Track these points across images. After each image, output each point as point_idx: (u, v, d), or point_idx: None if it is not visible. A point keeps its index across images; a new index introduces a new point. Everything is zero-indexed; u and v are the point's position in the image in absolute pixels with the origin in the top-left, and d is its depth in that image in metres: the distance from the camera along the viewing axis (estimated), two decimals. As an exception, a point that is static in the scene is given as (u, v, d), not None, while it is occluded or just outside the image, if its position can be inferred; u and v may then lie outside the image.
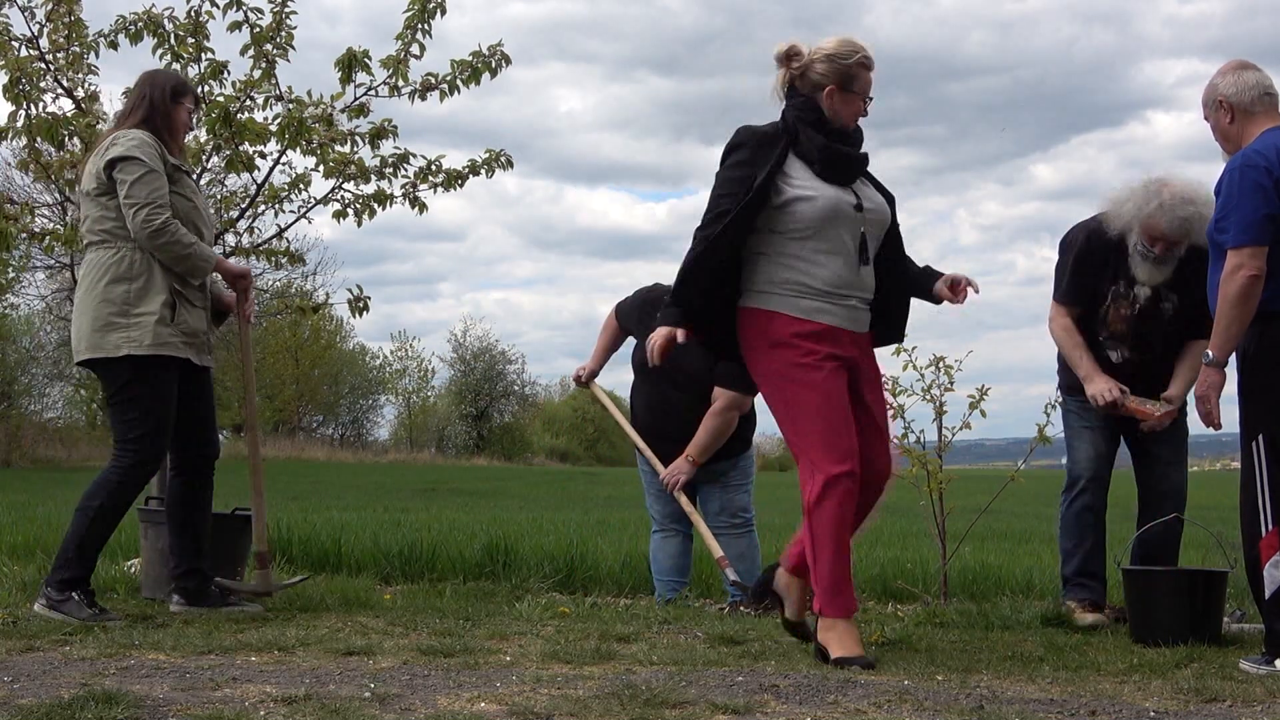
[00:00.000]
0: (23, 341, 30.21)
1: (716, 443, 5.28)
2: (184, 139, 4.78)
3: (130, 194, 4.37)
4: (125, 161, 4.39)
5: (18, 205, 5.95)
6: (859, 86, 3.96)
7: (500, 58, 6.07)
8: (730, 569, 5.21)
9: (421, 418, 46.08)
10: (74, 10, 5.64)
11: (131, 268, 4.43)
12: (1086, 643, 4.19)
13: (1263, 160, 3.78)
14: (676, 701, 3.03)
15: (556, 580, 6.06)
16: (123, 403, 4.45)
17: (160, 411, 4.46)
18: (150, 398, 4.43)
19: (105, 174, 4.43)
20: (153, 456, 4.50)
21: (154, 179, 4.40)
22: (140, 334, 4.39)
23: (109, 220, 4.46)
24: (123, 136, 4.46)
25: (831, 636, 3.73)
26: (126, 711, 2.80)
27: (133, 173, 4.38)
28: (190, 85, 4.84)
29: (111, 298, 4.42)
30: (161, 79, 4.70)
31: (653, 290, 5.56)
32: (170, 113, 4.59)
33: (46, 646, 3.84)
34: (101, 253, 4.48)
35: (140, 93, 4.61)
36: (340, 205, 6.13)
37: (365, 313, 6.19)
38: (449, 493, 19.68)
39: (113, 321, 4.40)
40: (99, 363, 4.46)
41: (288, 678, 3.33)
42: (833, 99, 3.93)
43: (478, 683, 3.29)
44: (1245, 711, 3.06)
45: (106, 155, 4.43)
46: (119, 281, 4.42)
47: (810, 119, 3.93)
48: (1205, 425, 4.13)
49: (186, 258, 4.45)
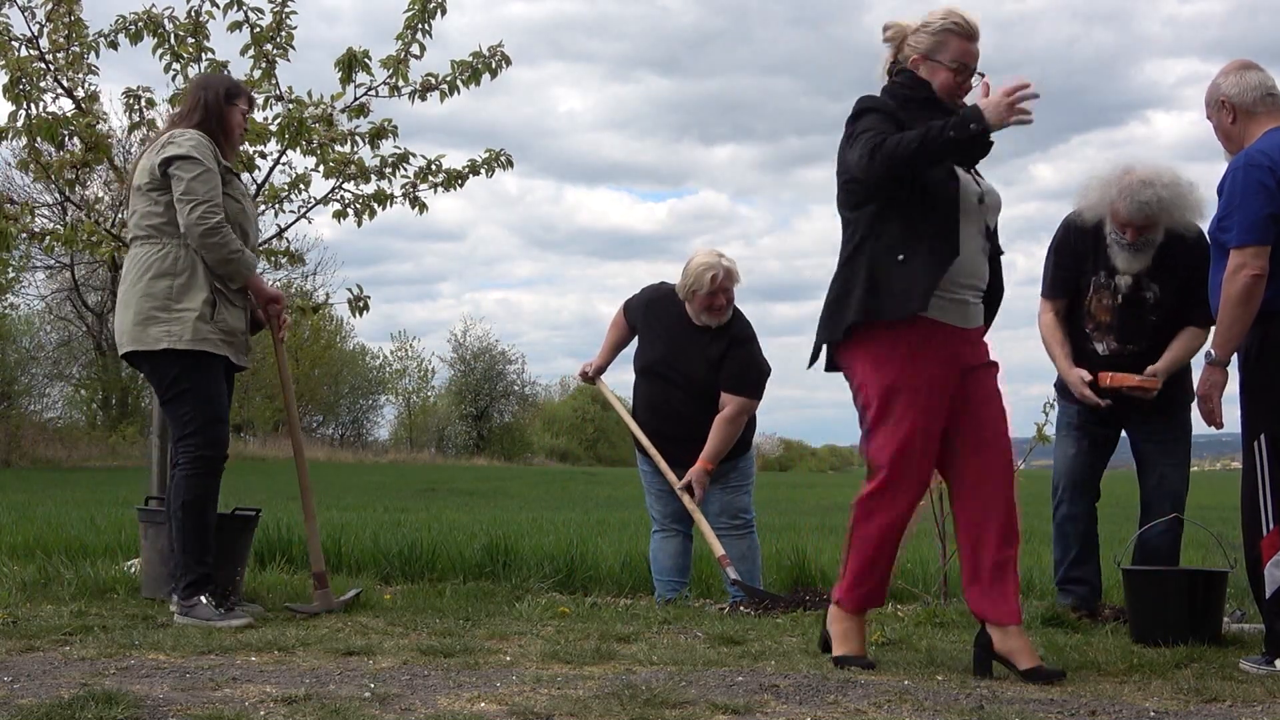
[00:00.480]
0: (23, 341, 30.23)
1: (728, 447, 5.32)
2: (238, 141, 4.85)
3: (189, 190, 4.44)
4: (183, 160, 4.46)
5: (18, 205, 5.95)
6: (946, 55, 3.59)
7: (500, 58, 6.07)
8: (731, 568, 5.22)
9: (421, 418, 46.09)
10: (74, 10, 5.63)
11: (176, 263, 4.50)
12: (1086, 643, 4.18)
13: (1266, 160, 3.77)
14: (676, 701, 3.02)
15: (556, 580, 6.05)
16: (174, 398, 4.53)
17: (214, 402, 4.54)
18: (200, 390, 4.51)
19: (160, 170, 4.50)
20: (212, 447, 4.54)
21: (211, 178, 4.49)
22: (180, 329, 4.46)
23: (156, 216, 4.53)
24: (179, 135, 4.54)
25: (837, 630, 3.72)
26: (126, 711, 2.80)
27: (190, 170, 4.45)
28: (245, 88, 4.89)
29: (154, 292, 4.49)
30: (216, 82, 4.79)
31: (660, 288, 5.57)
32: (224, 115, 4.67)
33: (46, 646, 3.84)
34: (147, 247, 4.54)
35: (196, 95, 4.71)
36: (340, 205, 6.13)
37: (365, 313, 6.19)
38: (449, 493, 19.68)
39: (154, 315, 4.48)
40: (143, 358, 4.53)
41: (288, 678, 3.33)
42: (919, 70, 3.62)
43: (478, 683, 3.29)
44: (1245, 711, 3.06)
45: (163, 152, 4.50)
46: (162, 276, 4.49)
47: (920, 96, 3.60)
48: (1207, 424, 4.12)
49: (231, 261, 4.53)
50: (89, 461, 27.60)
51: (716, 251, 5.34)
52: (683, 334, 5.38)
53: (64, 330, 32.98)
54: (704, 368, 5.33)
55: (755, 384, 5.40)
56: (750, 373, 5.38)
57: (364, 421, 44.22)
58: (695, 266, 5.27)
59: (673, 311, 5.42)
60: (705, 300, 5.27)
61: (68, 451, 28.41)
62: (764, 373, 5.42)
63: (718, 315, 5.31)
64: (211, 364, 4.54)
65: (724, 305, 5.31)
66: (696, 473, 5.27)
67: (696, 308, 5.31)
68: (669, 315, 5.43)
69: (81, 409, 33.23)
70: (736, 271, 5.34)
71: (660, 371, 5.43)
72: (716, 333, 5.33)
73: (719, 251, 5.34)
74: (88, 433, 30.96)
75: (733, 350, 5.34)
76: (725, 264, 5.28)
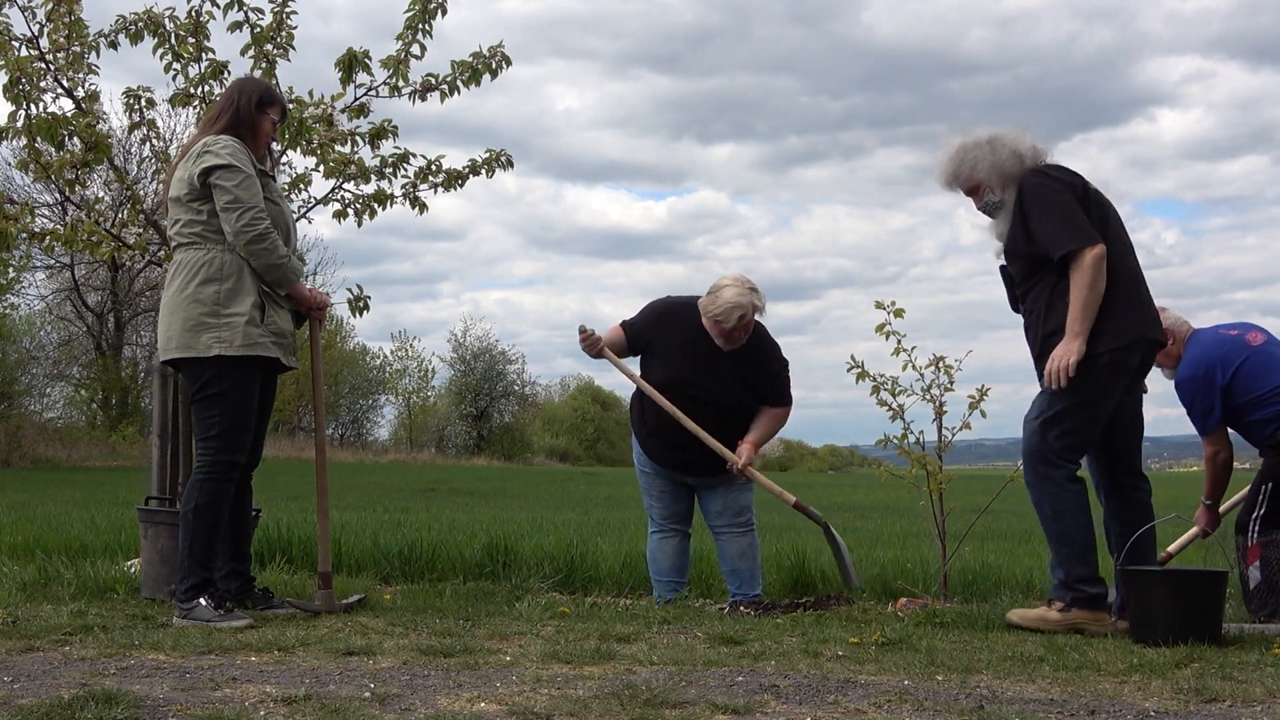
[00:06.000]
0: (23, 341, 30.22)
1: (771, 436, 5.47)
2: (265, 148, 4.87)
3: (236, 198, 4.47)
4: (224, 169, 4.49)
5: (18, 205, 5.94)
6: None
7: (501, 59, 6.07)
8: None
9: (421, 418, 46.12)
10: (74, 10, 5.63)
11: (222, 269, 4.52)
12: (1087, 643, 4.19)
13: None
14: (676, 701, 3.03)
15: (556, 580, 6.05)
16: (205, 400, 4.53)
17: (242, 410, 4.55)
18: (232, 396, 4.52)
19: (199, 180, 4.51)
20: (232, 452, 4.55)
21: (252, 184, 4.52)
22: (231, 334, 4.48)
23: (199, 224, 4.55)
24: (214, 144, 4.55)
25: None
26: (126, 711, 2.80)
27: (232, 179, 4.47)
28: (279, 96, 4.89)
29: (202, 298, 4.50)
30: (251, 87, 4.80)
31: (670, 303, 5.46)
32: (255, 121, 4.70)
33: (46, 646, 3.84)
34: (192, 253, 4.56)
35: (229, 98, 4.74)
36: (340, 205, 6.13)
37: (365, 312, 6.18)
38: (449, 493, 19.68)
39: (204, 322, 4.49)
40: (186, 361, 4.53)
41: (288, 678, 3.34)
42: None
43: (478, 683, 3.29)
44: (1245, 711, 3.06)
45: (201, 162, 4.52)
46: (210, 282, 4.51)
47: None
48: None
49: (278, 267, 4.56)
50: (89, 461, 27.61)
51: (749, 285, 5.24)
52: (704, 352, 5.30)
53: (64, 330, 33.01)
54: (732, 385, 5.29)
55: (790, 389, 5.52)
56: (784, 382, 5.45)
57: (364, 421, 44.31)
58: (725, 300, 5.18)
59: (692, 328, 5.32)
60: (726, 332, 5.23)
61: (68, 451, 28.43)
62: (788, 370, 5.50)
63: (733, 344, 5.28)
64: (251, 371, 4.56)
65: (741, 338, 5.27)
66: (746, 452, 5.27)
67: (715, 332, 5.26)
68: (689, 331, 5.33)
69: (81, 409, 33.23)
70: (764, 306, 5.29)
71: (681, 390, 5.31)
72: (740, 349, 5.30)
73: (751, 285, 5.24)
74: (88, 433, 30.97)
75: (763, 364, 5.35)
76: (755, 302, 5.21)
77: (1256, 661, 3.78)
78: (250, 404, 4.59)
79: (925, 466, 5.32)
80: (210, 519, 4.52)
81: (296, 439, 36.74)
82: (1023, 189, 4.51)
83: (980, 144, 4.64)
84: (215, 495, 4.53)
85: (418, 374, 46.14)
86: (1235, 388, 4.94)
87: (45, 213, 22.22)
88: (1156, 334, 4.53)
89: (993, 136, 4.64)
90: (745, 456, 5.26)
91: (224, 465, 4.54)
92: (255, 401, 4.62)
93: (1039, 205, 4.44)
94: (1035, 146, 4.62)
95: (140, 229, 5.97)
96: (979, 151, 4.63)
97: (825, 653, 3.90)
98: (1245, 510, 5.03)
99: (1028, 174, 4.55)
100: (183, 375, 4.74)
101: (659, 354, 5.42)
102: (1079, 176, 4.56)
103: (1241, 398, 4.94)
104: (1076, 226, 4.38)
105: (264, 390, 4.70)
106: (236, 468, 4.60)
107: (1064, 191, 4.46)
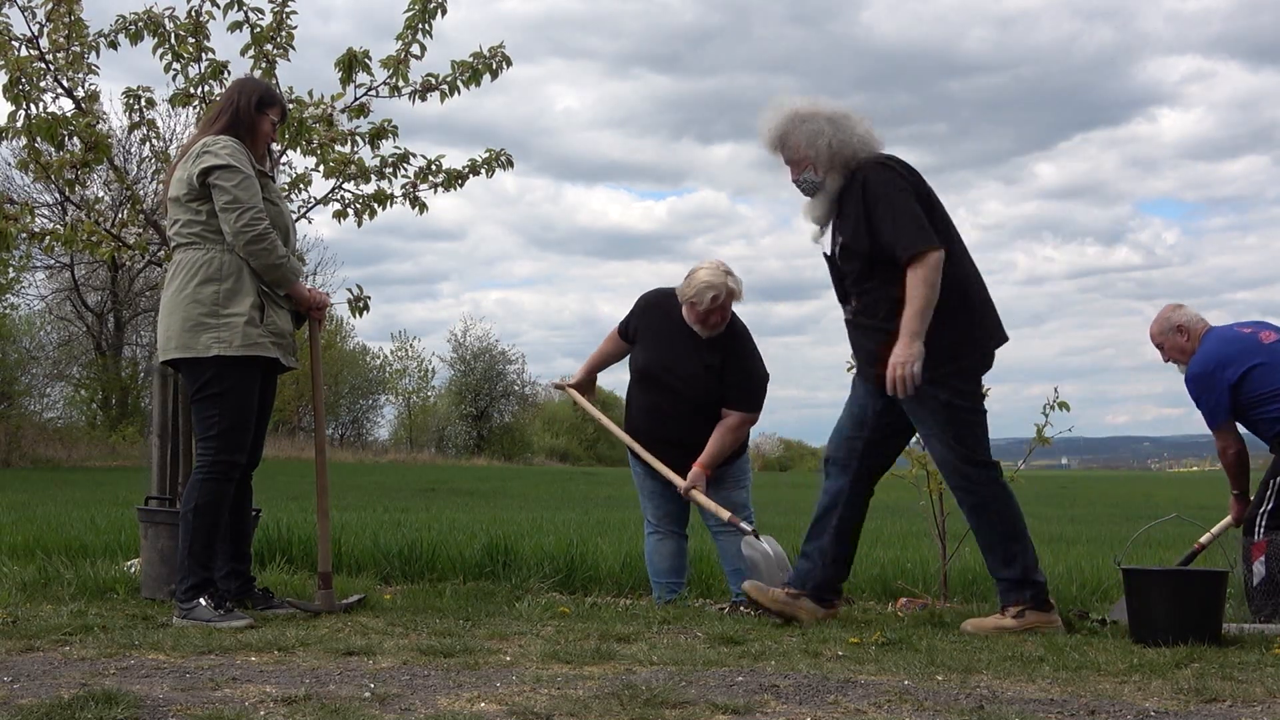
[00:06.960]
0: (23, 341, 30.23)
1: (726, 455, 5.33)
2: (264, 149, 4.87)
3: (234, 199, 4.46)
4: (223, 169, 4.48)
5: (18, 205, 5.94)
6: None
7: (501, 59, 6.07)
8: (745, 522, 5.21)
9: (421, 418, 46.12)
10: (74, 10, 5.63)
11: (221, 269, 4.51)
12: (1087, 643, 4.19)
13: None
14: (676, 701, 3.02)
15: (556, 580, 6.06)
16: (204, 400, 4.53)
17: (241, 410, 4.55)
18: (232, 396, 4.52)
19: (198, 180, 4.51)
20: (232, 452, 4.55)
21: (251, 185, 4.52)
22: (230, 334, 4.48)
23: (198, 224, 4.55)
24: (213, 144, 4.55)
25: None
26: (126, 711, 2.80)
27: (231, 179, 4.47)
28: (279, 97, 4.89)
29: (201, 298, 4.50)
30: (250, 87, 4.80)
31: (659, 292, 5.52)
32: (254, 122, 4.70)
33: (46, 646, 3.84)
34: (192, 253, 4.56)
35: (229, 99, 4.73)
36: (340, 205, 6.13)
37: (365, 312, 6.18)
38: (449, 493, 19.69)
39: (203, 322, 4.49)
40: (185, 361, 4.53)
41: (288, 678, 3.34)
42: None
43: (478, 683, 3.29)
44: (1245, 711, 3.06)
45: (200, 162, 4.51)
46: (209, 282, 4.51)
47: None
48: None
49: (277, 267, 4.56)
50: (89, 461, 27.62)
51: (724, 268, 5.25)
52: (680, 338, 5.34)
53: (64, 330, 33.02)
54: (701, 373, 5.30)
55: (758, 398, 5.40)
56: (753, 386, 5.37)
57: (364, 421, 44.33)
58: (699, 280, 5.21)
59: (671, 315, 5.38)
60: (700, 315, 5.24)
61: (68, 451, 28.44)
62: (765, 382, 5.41)
63: (710, 330, 5.29)
64: (251, 371, 4.56)
65: (718, 323, 5.27)
66: (695, 475, 5.27)
67: (691, 318, 5.29)
68: (667, 319, 5.39)
69: (81, 409, 33.24)
70: (740, 291, 5.28)
71: (656, 375, 5.40)
72: (714, 339, 5.31)
73: (726, 269, 5.26)
74: (88, 433, 30.99)
75: (733, 361, 5.31)
76: (729, 285, 5.21)
77: (1256, 661, 3.78)
78: (250, 404, 4.59)
79: (925, 466, 5.32)
80: (210, 519, 4.52)
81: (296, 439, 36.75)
82: (867, 182, 4.39)
83: (819, 118, 4.47)
84: (215, 495, 4.53)
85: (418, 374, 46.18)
86: (1245, 385, 5.01)
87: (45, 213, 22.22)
88: (1003, 332, 4.57)
89: (835, 115, 4.48)
90: (691, 479, 5.27)
91: (224, 465, 4.54)
92: (255, 401, 4.62)
93: (884, 201, 4.34)
94: (872, 134, 4.49)
95: (140, 229, 5.97)
96: (816, 126, 4.46)
97: (825, 653, 3.90)
98: (1253, 506, 5.08)
99: (870, 165, 4.42)
100: (182, 375, 4.74)
101: (641, 340, 5.50)
102: (916, 172, 4.49)
103: (1251, 395, 5.01)
104: (922, 227, 4.30)
105: (264, 390, 4.70)
106: (236, 468, 4.60)
107: (908, 189, 4.38)
